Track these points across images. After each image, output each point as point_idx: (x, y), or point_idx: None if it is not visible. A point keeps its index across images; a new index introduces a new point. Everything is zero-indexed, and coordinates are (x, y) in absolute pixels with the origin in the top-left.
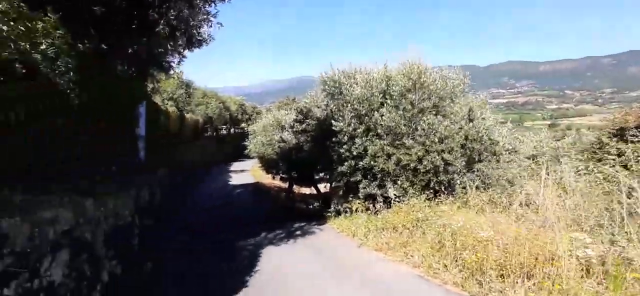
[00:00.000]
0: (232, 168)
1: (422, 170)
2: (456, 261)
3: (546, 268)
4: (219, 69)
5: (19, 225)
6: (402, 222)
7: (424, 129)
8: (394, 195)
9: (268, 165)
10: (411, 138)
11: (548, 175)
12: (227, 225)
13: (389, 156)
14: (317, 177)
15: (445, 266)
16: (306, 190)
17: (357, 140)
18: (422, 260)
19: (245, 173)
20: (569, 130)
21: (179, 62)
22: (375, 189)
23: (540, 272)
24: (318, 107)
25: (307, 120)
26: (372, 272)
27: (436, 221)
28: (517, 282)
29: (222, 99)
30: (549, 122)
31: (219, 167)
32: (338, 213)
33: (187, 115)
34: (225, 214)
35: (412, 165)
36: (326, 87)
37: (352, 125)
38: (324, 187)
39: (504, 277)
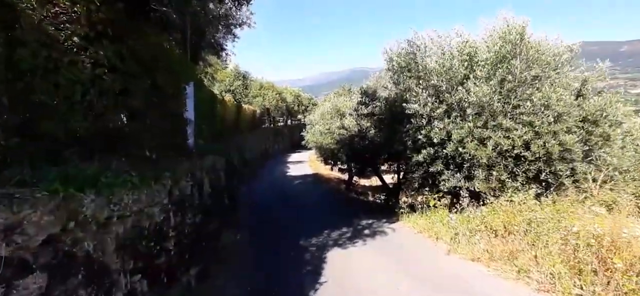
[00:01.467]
0: (289, 159)
1: (529, 158)
2: (611, 287)
3: None
4: (273, 63)
5: None
6: (504, 223)
7: (532, 104)
8: (488, 188)
9: (326, 155)
10: (509, 117)
11: None
12: (286, 219)
13: (481, 141)
14: (383, 168)
15: (596, 294)
16: (365, 182)
17: (437, 124)
18: (552, 282)
19: (303, 164)
20: None
21: (232, 38)
22: (461, 181)
23: None
24: (385, 88)
25: (374, 103)
26: (479, 294)
27: (559, 224)
28: None
29: (278, 90)
30: (633, 108)
31: (276, 158)
32: (412, 208)
33: (244, 106)
34: (284, 207)
35: (514, 151)
36: (393, 63)
37: (429, 105)
38: (391, 179)
39: None
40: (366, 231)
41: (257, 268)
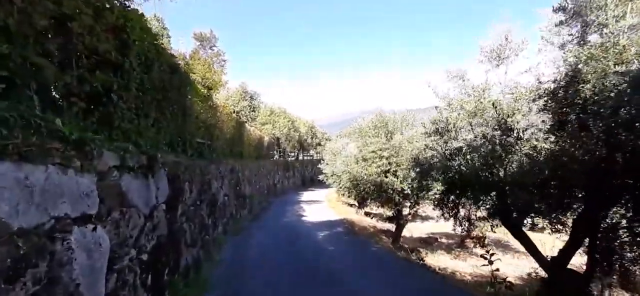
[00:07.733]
0: (302, 198)
1: None
2: None
3: None
4: (284, 99)
5: None
6: None
7: None
8: None
9: (365, 191)
10: None
11: None
12: None
13: None
14: (530, 220)
15: None
16: (401, 232)
17: None
18: None
19: (321, 204)
20: None
21: None
22: None
23: None
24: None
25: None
26: None
27: None
28: None
29: (291, 118)
30: None
31: (286, 195)
32: None
33: (249, 127)
34: None
35: None
36: None
37: None
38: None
39: None
40: None
41: None
